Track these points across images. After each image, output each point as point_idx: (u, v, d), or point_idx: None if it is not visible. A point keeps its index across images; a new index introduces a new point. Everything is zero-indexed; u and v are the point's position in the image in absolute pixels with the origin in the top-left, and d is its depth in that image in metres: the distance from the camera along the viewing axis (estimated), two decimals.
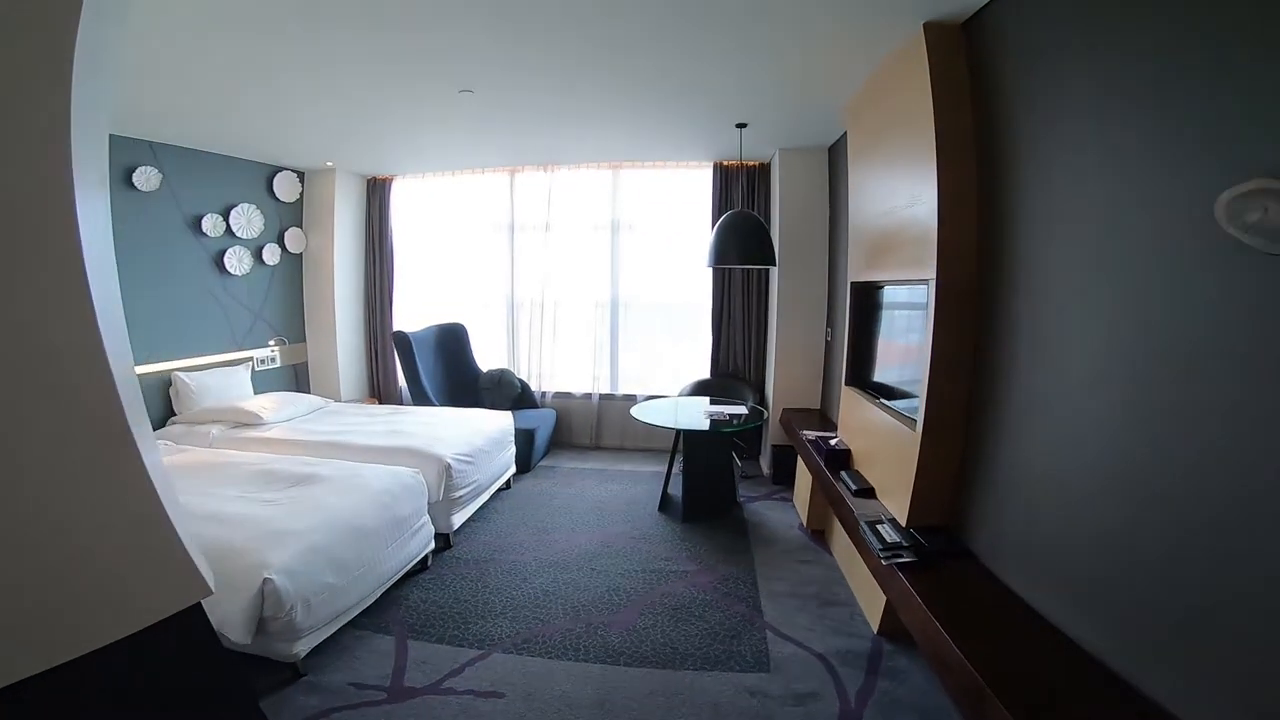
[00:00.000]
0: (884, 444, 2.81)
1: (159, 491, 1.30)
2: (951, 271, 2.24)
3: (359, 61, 2.81)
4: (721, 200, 5.09)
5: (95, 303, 1.19)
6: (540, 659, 2.56)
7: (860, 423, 3.21)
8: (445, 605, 2.95)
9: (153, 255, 4.09)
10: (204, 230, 4.40)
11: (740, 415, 4.18)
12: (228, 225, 4.58)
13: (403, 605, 2.93)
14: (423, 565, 3.26)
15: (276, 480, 3.02)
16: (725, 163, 5.10)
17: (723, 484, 4.23)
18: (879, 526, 2.48)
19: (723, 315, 5.32)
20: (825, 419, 4.42)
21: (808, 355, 4.69)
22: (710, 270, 5.18)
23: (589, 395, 5.58)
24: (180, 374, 4.24)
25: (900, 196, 2.63)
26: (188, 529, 1.42)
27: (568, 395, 5.64)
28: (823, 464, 3.28)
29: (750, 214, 4.11)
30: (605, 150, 4.86)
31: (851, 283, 3.41)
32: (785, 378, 4.74)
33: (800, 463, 4.05)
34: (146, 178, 3.94)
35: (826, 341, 4.63)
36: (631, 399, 5.49)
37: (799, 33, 2.53)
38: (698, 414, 4.23)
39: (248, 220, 4.72)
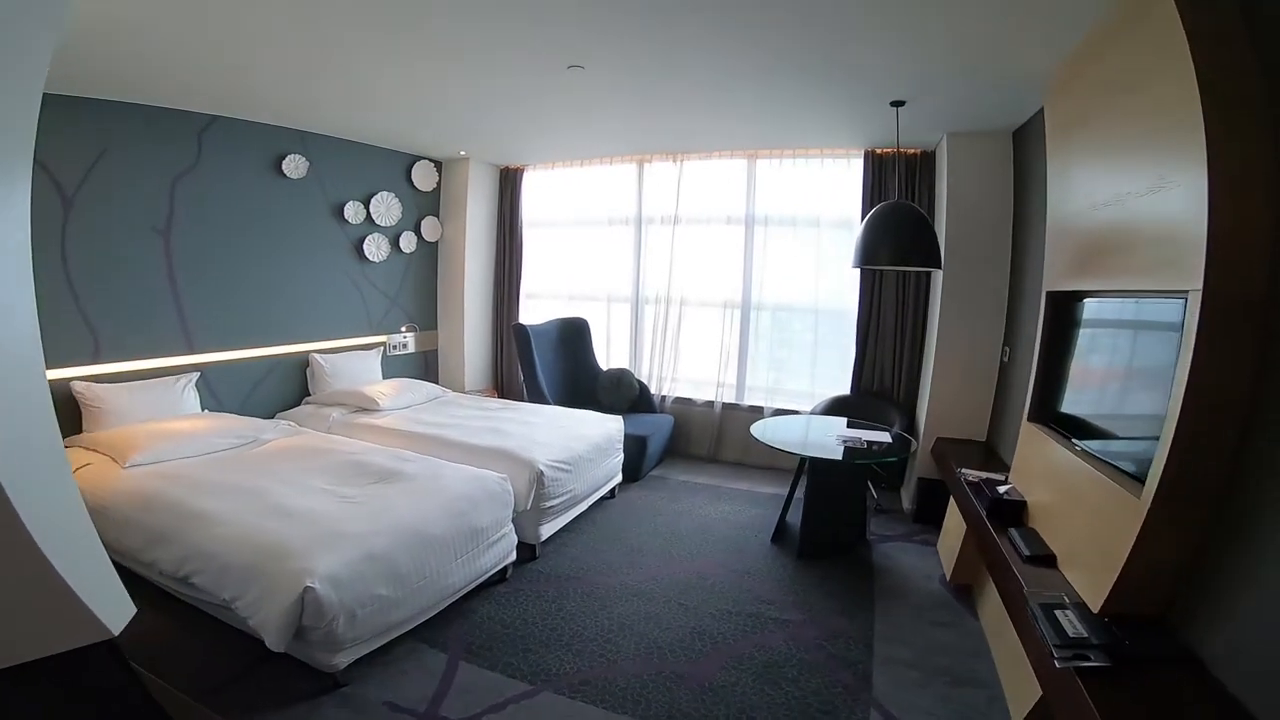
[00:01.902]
0: (1080, 502, 2.09)
1: (31, 532, 1.10)
2: (1228, 279, 1.49)
3: (464, 40, 2.60)
4: (874, 193, 4.38)
5: None
6: (593, 707, 2.18)
7: (1046, 470, 2.46)
8: (512, 626, 2.66)
9: (299, 240, 4.31)
10: (346, 217, 4.57)
11: (881, 443, 3.49)
12: (368, 213, 4.73)
13: (468, 620, 2.69)
14: (501, 576, 3.01)
15: (363, 474, 2.93)
16: (878, 150, 4.38)
17: (851, 517, 3.60)
18: (1058, 612, 1.81)
19: (870, 324, 4.58)
20: (992, 456, 3.59)
21: (975, 377, 3.85)
22: (858, 273, 4.49)
23: (711, 403, 5.10)
24: (316, 355, 4.42)
25: (1133, 180, 1.91)
26: (84, 564, 1.22)
27: (688, 402, 5.20)
28: (985, 515, 2.56)
29: (908, 205, 3.43)
30: (738, 136, 4.38)
31: (1048, 292, 2.64)
32: (943, 402, 3.94)
33: (952, 504, 3.30)
34: (295, 165, 4.14)
35: (1003, 362, 3.77)
36: (757, 411, 4.93)
37: None
38: (830, 438, 3.61)
39: (386, 208, 4.86)
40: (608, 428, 4.07)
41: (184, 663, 2.27)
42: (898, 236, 3.24)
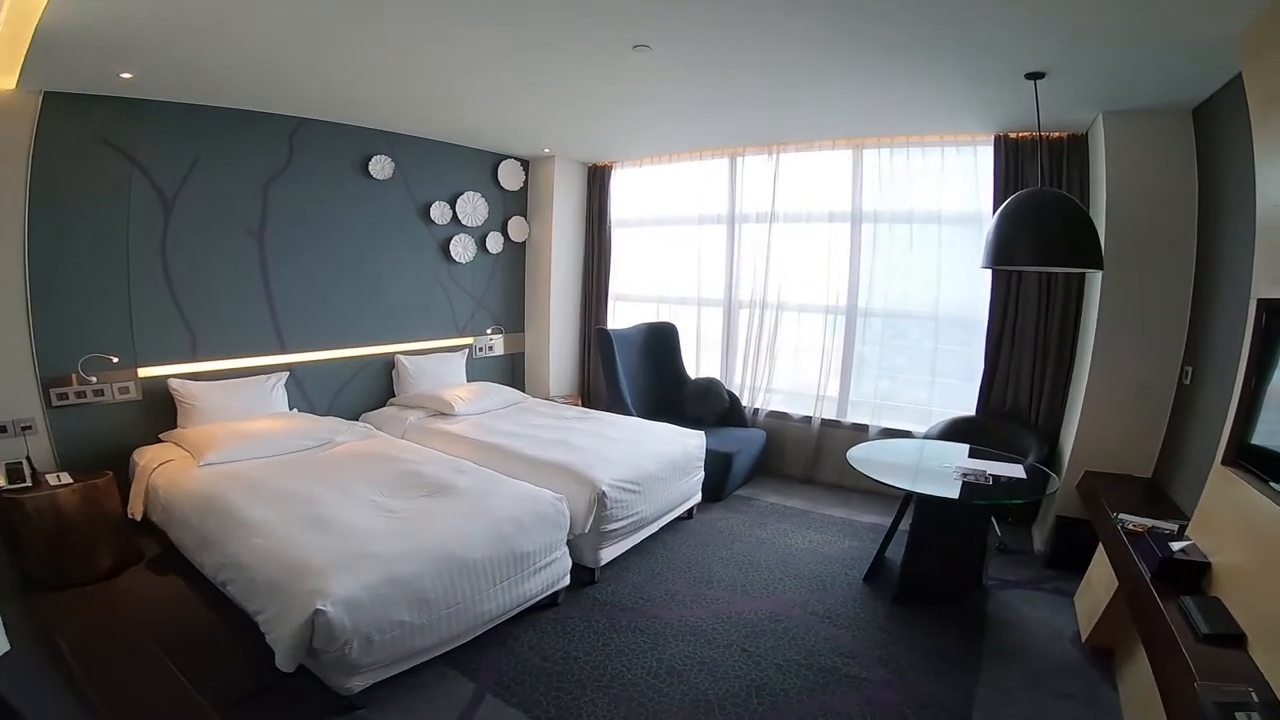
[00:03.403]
0: None
1: None
2: None
3: (520, 27, 2.47)
4: (1008, 185, 3.76)
5: None
6: None
7: (1244, 526, 1.94)
8: (551, 659, 2.45)
9: (386, 241, 4.42)
10: (433, 218, 4.63)
11: (1011, 479, 2.94)
12: (454, 213, 4.77)
13: (506, 647, 2.52)
14: (552, 601, 2.83)
15: (416, 486, 2.87)
16: (1012, 134, 3.77)
17: (965, 558, 3.07)
18: (1240, 715, 1.41)
19: (1003, 334, 3.95)
20: (1160, 498, 2.94)
21: (1140, 400, 3.17)
22: (989, 275, 3.91)
23: (809, 419, 4.63)
24: (401, 357, 4.51)
25: None
26: None
27: (783, 416, 4.78)
28: (1149, 575, 2.06)
29: (1056, 192, 2.90)
30: (840, 123, 3.97)
31: (1261, 300, 2.08)
32: (1097, 428, 3.29)
33: (1101, 552, 2.74)
34: (381, 166, 4.24)
35: (1182, 384, 3.09)
36: (861, 431, 4.42)
37: None
38: (946, 469, 3.09)
39: (473, 208, 4.88)
40: (686, 444, 3.78)
41: (223, 667, 2.27)
42: (1043, 230, 2.69)
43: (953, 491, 2.87)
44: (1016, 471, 3.05)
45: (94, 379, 3.21)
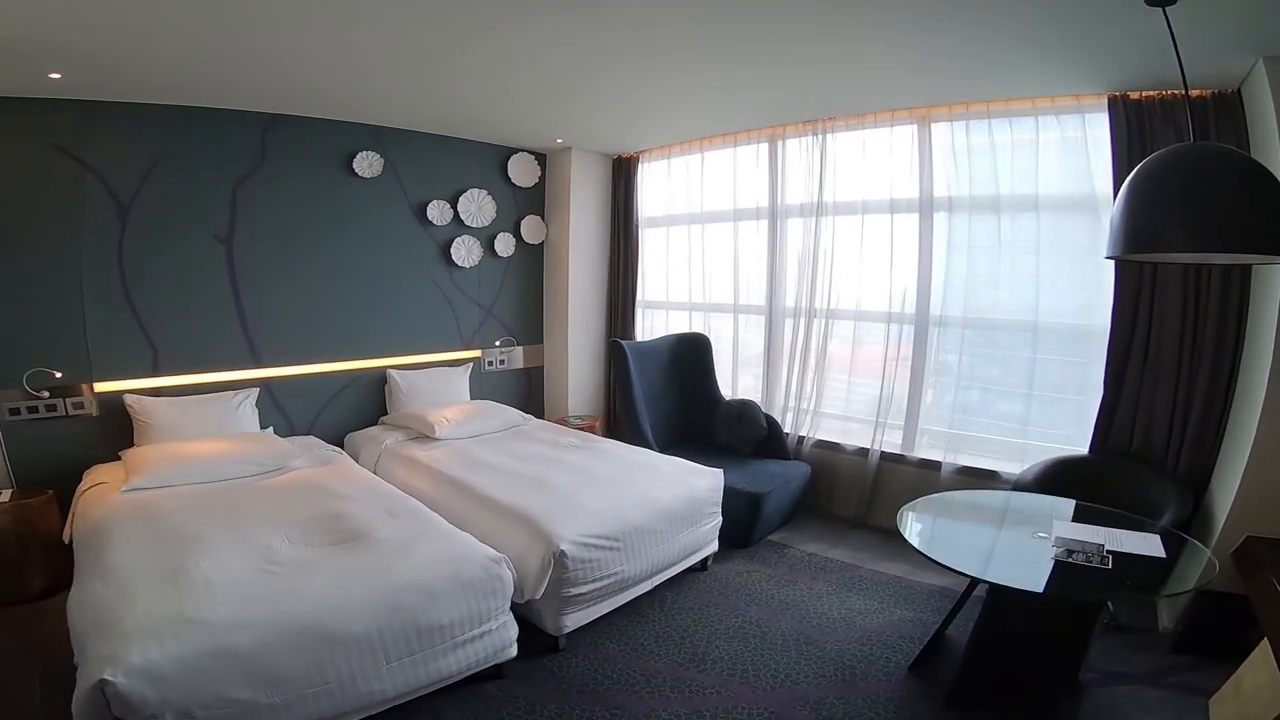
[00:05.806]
0: None
1: None
2: None
3: None
4: (1128, 158, 2.94)
5: None
6: None
7: None
8: None
9: (376, 244, 4.18)
10: (430, 218, 4.37)
11: (1145, 560, 2.19)
12: (456, 213, 4.49)
13: None
14: (496, 673, 2.39)
15: (333, 530, 2.50)
16: (1133, 95, 2.99)
17: (1058, 644, 2.35)
18: None
19: (1132, 348, 3.13)
20: None
21: None
22: (1109, 273, 3.14)
23: (865, 452, 3.95)
24: (393, 371, 4.26)
25: None
26: None
27: (834, 446, 4.11)
28: None
29: (1223, 149, 2.01)
30: (901, 89, 3.36)
31: None
32: (1269, 478, 2.48)
33: (1264, 650, 2.00)
34: (368, 164, 4.02)
35: None
36: (932, 468, 3.70)
37: None
38: (1041, 542, 2.33)
39: (478, 208, 4.58)
40: (695, 487, 3.23)
41: None
42: (1206, 201, 1.75)
43: (1038, 578, 2.10)
44: (1150, 546, 2.25)
45: (45, 394, 3.14)
